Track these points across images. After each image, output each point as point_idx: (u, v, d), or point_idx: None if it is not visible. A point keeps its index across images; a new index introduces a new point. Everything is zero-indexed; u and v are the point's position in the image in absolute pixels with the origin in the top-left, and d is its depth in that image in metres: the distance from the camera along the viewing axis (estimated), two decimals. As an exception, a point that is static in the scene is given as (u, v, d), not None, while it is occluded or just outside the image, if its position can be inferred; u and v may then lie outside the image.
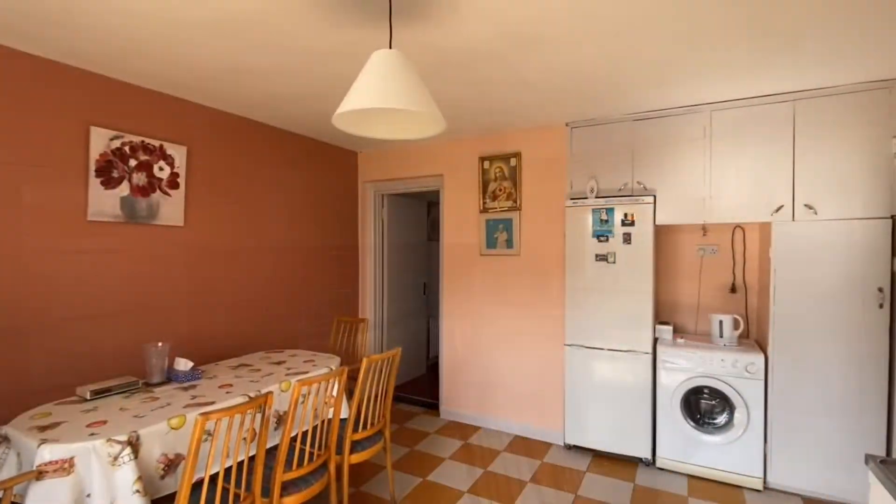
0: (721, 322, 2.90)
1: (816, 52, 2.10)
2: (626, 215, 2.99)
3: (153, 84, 2.55)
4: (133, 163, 2.50)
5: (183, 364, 2.27)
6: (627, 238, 2.99)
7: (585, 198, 3.16)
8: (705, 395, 2.84)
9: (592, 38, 1.97)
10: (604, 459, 3.08)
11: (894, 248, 2.36)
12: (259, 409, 1.69)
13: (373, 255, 4.33)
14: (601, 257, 3.07)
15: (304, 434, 2.27)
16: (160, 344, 2.19)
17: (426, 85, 2.47)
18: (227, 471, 1.84)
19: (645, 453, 2.96)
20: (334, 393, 2.21)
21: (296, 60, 2.22)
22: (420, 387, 4.56)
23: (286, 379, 2.32)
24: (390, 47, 1.51)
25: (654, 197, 2.98)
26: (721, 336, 2.90)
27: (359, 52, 2.11)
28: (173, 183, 2.71)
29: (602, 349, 3.07)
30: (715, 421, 2.80)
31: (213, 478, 1.87)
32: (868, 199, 2.44)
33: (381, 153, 4.18)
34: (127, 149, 2.48)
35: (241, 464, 1.82)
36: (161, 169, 2.64)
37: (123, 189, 2.47)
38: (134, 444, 1.59)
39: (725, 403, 2.76)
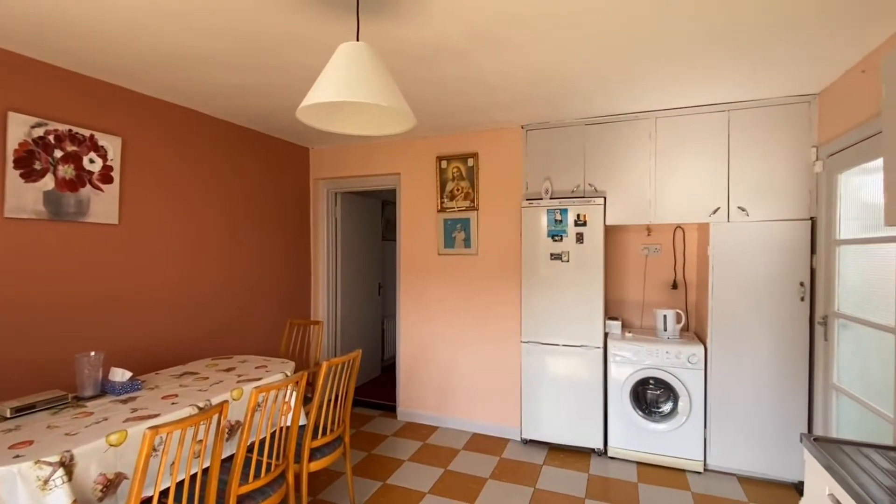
0: (665, 316, 3.08)
1: (750, 68, 2.28)
2: (578, 216, 3.11)
3: (84, 68, 2.31)
4: (59, 154, 2.26)
5: (120, 374, 2.08)
6: (580, 238, 3.11)
7: (541, 198, 3.25)
8: (651, 386, 3.01)
9: (554, 43, 2.02)
10: (559, 452, 3.18)
11: (813, 247, 2.62)
12: (212, 419, 1.58)
13: (326, 255, 4.20)
14: (556, 256, 3.17)
15: (260, 444, 2.15)
16: (93, 353, 2.00)
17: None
18: (179, 484, 1.71)
19: (597, 444, 3.08)
20: (292, 400, 2.12)
21: (250, 49, 2.10)
22: (376, 389, 4.48)
23: (238, 386, 2.19)
24: (357, 40, 1.46)
25: (605, 198, 3.12)
26: (665, 330, 3.08)
27: (319, 44, 2.03)
28: (106, 177, 2.48)
29: (557, 345, 3.17)
30: (661, 409, 2.98)
31: (163, 493, 1.72)
32: (791, 203, 2.70)
33: (335, 150, 4.07)
34: (51, 138, 2.23)
35: (193, 477, 1.69)
36: (92, 161, 2.41)
37: (47, 183, 2.22)
38: (67, 465, 1.43)
39: (670, 393, 2.94)
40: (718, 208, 2.87)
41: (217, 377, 2.34)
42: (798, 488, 2.66)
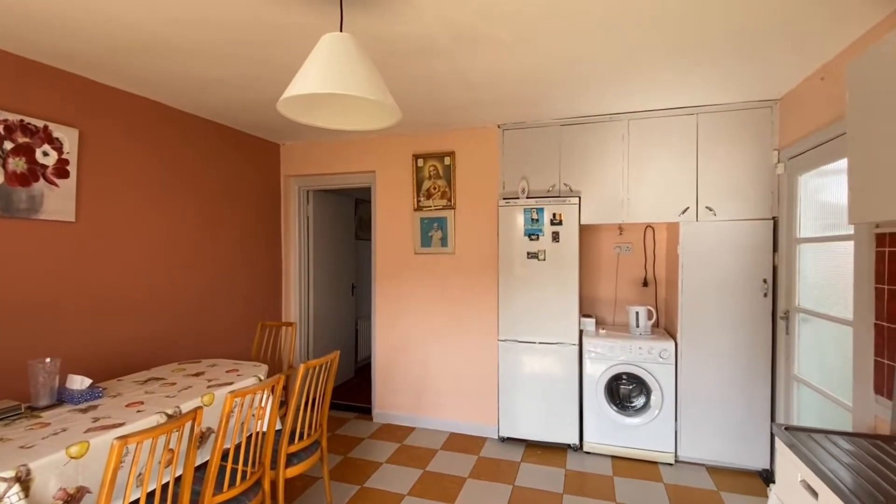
0: (637, 313, 3.17)
1: (717, 74, 2.38)
2: (554, 215, 3.15)
3: (37, 54, 2.15)
4: (8, 146, 2.09)
5: (78, 382, 1.94)
6: (556, 237, 3.15)
7: (517, 198, 3.27)
8: (624, 381, 3.09)
9: (537, 43, 2.04)
10: (536, 448, 3.21)
11: (775, 245, 2.75)
12: (185, 427, 1.50)
13: (297, 255, 4.08)
14: (532, 255, 3.20)
15: (235, 450, 2.06)
16: (48, 360, 1.86)
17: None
18: (150, 494, 1.61)
19: (573, 439, 3.13)
20: (265, 403, 2.04)
21: (223, 39, 2.00)
22: (350, 391, 4.40)
23: (209, 391, 2.09)
24: (341, 31, 1.42)
25: (580, 198, 3.17)
26: (637, 326, 3.16)
27: (299, 36, 1.96)
28: (62, 171, 2.32)
29: (533, 343, 3.20)
30: (633, 404, 3.05)
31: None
32: (755, 203, 2.82)
33: (307, 146, 3.96)
34: (0, 128, 2.06)
35: (164, 486, 1.60)
36: (46, 154, 2.24)
37: (-5, 176, 2.05)
38: (24, 481, 1.32)
39: (643, 387, 3.02)
40: (688, 208, 2.97)
41: (185, 382, 2.23)
42: (762, 475, 2.79)
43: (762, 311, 2.78)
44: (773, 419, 2.75)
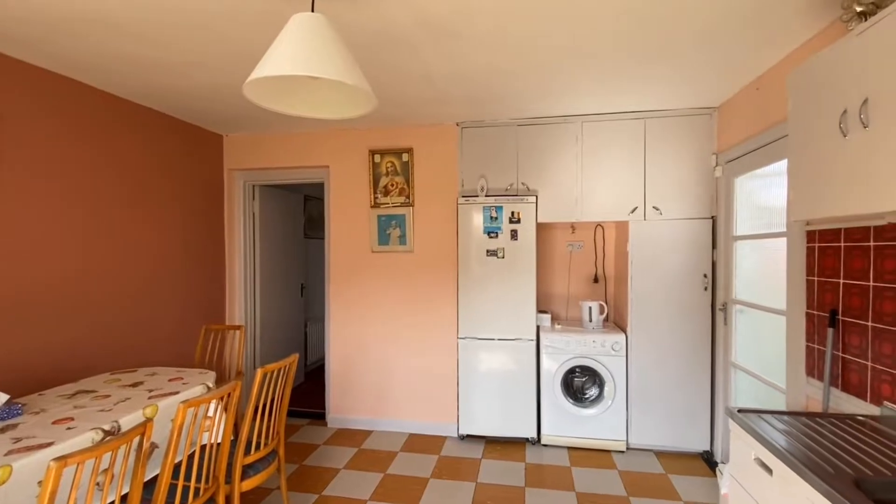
0: (590, 308, 3.29)
1: (662, 81, 2.53)
2: (513, 213, 3.20)
3: (-69, 17, 1.84)
4: None
5: (-9, 399, 1.69)
6: (514, 235, 3.20)
7: (476, 196, 3.28)
8: (577, 374, 3.20)
9: (502, 42, 2.04)
10: (496, 444, 3.24)
11: (714, 242, 2.97)
12: (131, 443, 1.34)
13: (242, 254, 3.84)
14: (491, 253, 3.22)
15: (187, 466, 1.88)
16: (-48, 374, 1.60)
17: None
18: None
19: (531, 433, 3.20)
20: (213, 413, 1.88)
21: (170, 17, 1.82)
22: (301, 397, 4.20)
23: (151, 403, 1.90)
24: (312, 10, 1.33)
25: (537, 197, 3.24)
26: (590, 321, 3.29)
27: (250, 17, 1.82)
28: (-35, 156, 2.00)
29: (493, 339, 3.23)
30: (587, 395, 3.17)
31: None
32: (696, 203, 3.03)
33: (253, 138, 3.73)
34: None
35: (101, 516, 1.42)
36: (-56, 135, 1.93)
37: None
38: (-72, 519, 1.11)
39: (595, 379, 3.14)
40: (636, 207, 3.13)
41: (122, 394, 2.01)
42: (703, 456, 3.00)
43: (703, 304, 2.99)
44: (712, 404, 2.96)
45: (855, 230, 1.69)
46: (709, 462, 2.92)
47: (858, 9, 1.39)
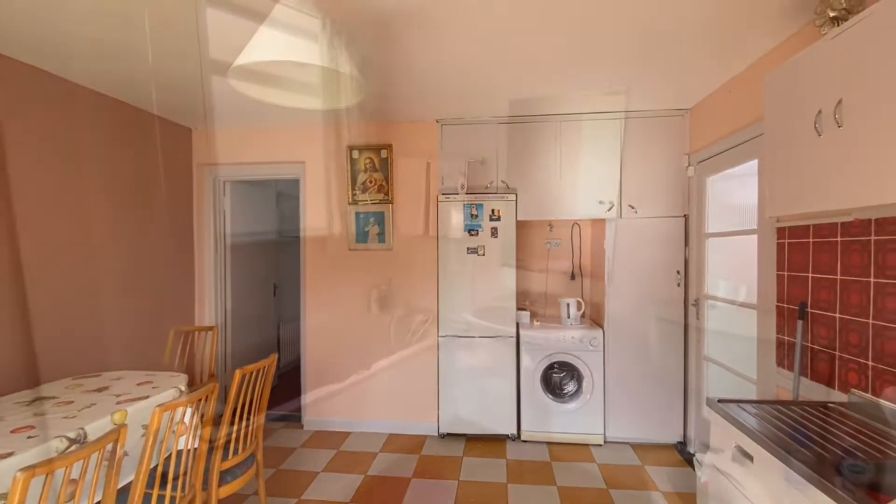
0: (568, 305, 3.34)
1: (640, 83, 2.59)
2: (493, 211, 3.20)
3: None
4: None
5: (-62, 408, 1.55)
6: (494, 232, 3.21)
7: (457, 193, 3.27)
8: (556, 370, 3.24)
9: (483, 35, 2.04)
10: (477, 442, 3.24)
11: (686, 240, 3.07)
12: (104, 451, 1.26)
13: (212, 253, 3.69)
14: (472, 250, 3.22)
15: (157, 471, 1.79)
16: None
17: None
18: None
19: (511, 430, 3.21)
20: (186, 418, 1.80)
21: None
22: (275, 399, 4.06)
23: (119, 408, 1.79)
24: (301, -3, 1.28)
25: (516, 195, 3.26)
26: (568, 317, 3.33)
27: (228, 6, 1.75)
28: None
29: (473, 337, 3.23)
30: (566, 391, 3.22)
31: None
32: (670, 201, 3.12)
33: (224, 132, 3.59)
34: None
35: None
36: None
37: None
38: None
39: (574, 374, 3.19)
40: (613, 206, 3.19)
41: (86, 400, 1.90)
42: (677, 447, 3.10)
43: (676, 299, 3.08)
44: (685, 397, 3.06)
45: (823, 226, 1.78)
46: (682, 452, 3.02)
47: (831, 14, 1.45)
